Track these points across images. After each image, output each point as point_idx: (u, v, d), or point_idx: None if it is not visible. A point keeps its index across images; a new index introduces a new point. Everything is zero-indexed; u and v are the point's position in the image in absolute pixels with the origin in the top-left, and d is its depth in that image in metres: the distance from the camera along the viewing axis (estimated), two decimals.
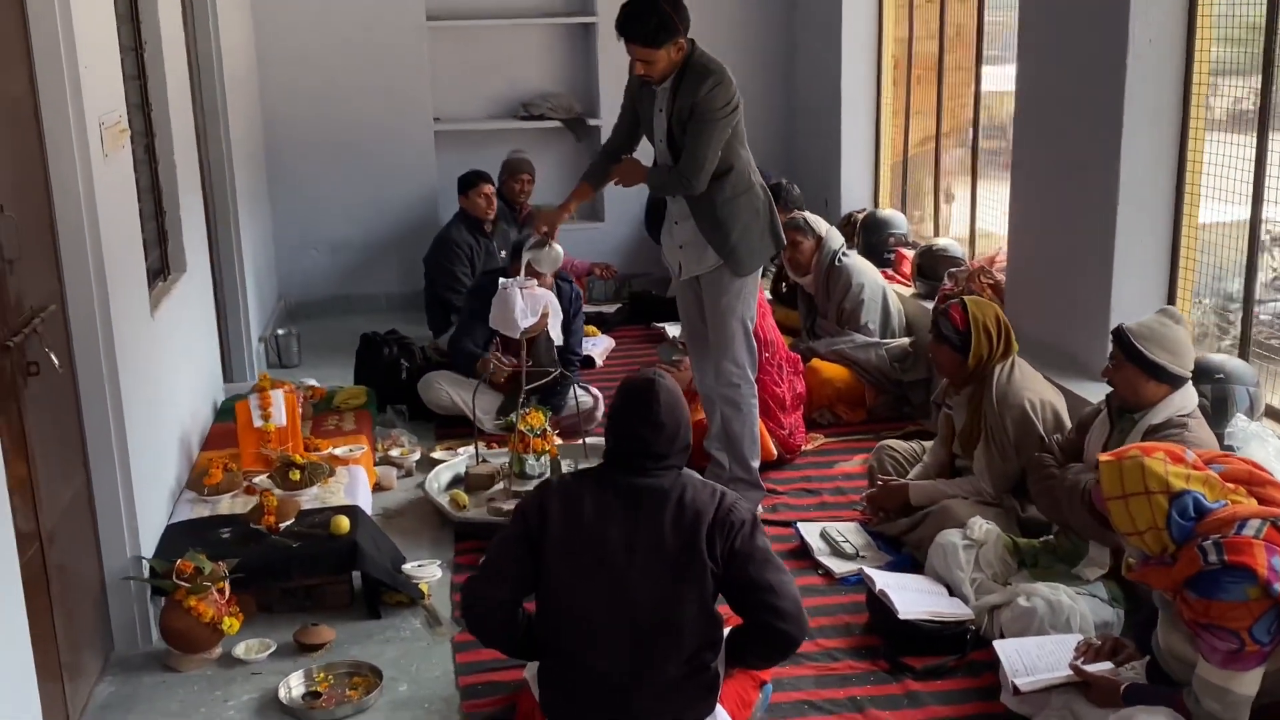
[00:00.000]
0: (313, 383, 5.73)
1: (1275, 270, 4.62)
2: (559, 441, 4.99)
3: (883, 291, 6.05)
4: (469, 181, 6.92)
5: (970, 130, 6.50)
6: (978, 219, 6.57)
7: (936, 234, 6.69)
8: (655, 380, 3.00)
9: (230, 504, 4.31)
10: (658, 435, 2.98)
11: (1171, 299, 4.54)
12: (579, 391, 5.54)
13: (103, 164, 3.63)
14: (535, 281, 4.98)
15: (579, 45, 8.46)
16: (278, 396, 4.72)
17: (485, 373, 5.51)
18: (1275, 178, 4.11)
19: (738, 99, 4.42)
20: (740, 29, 8.18)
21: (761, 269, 4.79)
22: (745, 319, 4.68)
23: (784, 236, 4.86)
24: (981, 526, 3.98)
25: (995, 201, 6.30)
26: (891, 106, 7.45)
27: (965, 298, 4.34)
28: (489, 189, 6.89)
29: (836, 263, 6.03)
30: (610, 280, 7.98)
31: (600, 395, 5.84)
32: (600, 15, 8.05)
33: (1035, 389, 4.20)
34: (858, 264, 6.08)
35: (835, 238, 6.14)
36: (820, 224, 6.15)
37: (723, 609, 3.07)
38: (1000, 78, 6.05)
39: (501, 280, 4.99)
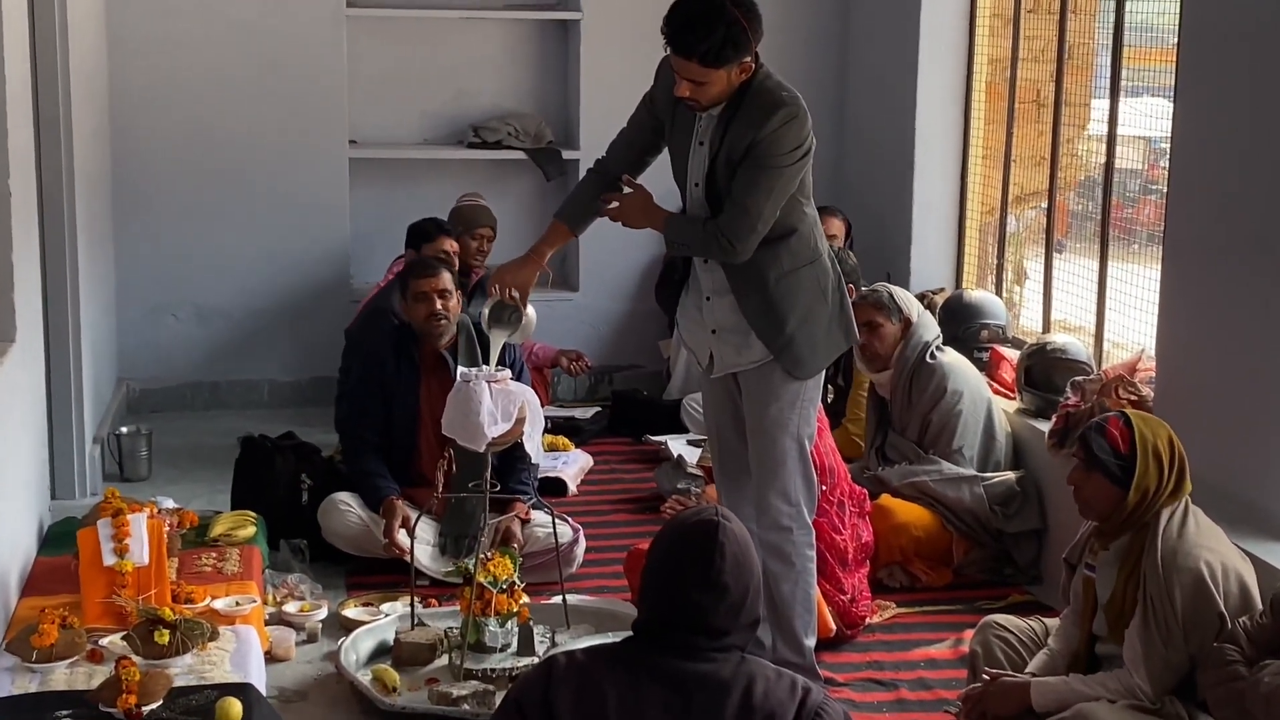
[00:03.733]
0: (172, 504, 5.64)
1: None
2: (528, 600, 4.93)
3: (987, 405, 6.07)
4: (424, 233, 6.93)
5: (1078, 187, 6.65)
6: (1052, 306, 6.69)
7: (1047, 327, 6.73)
8: (720, 524, 2.93)
9: (68, 676, 4.20)
10: (719, 602, 2.90)
11: None
12: (554, 522, 5.46)
13: None
14: (508, 373, 4.93)
15: (553, 50, 8.55)
16: (138, 523, 4.64)
17: (390, 537, 5.57)
18: None
19: (812, 143, 4.46)
20: (775, 27, 8.27)
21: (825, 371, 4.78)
22: (802, 437, 4.66)
23: (856, 328, 4.86)
24: None
25: (1081, 282, 6.44)
26: (982, 150, 7.55)
27: (1127, 411, 4.32)
28: (450, 244, 6.91)
29: (929, 359, 6.05)
30: (583, 375, 7.95)
31: (580, 530, 5.80)
32: (586, 11, 8.15)
33: (1216, 549, 4.17)
34: (957, 365, 6.11)
35: (929, 326, 6.19)
36: (912, 305, 6.20)
37: None
38: (1110, 116, 6.19)
39: (461, 371, 4.95)
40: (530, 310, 4.82)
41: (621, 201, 4.63)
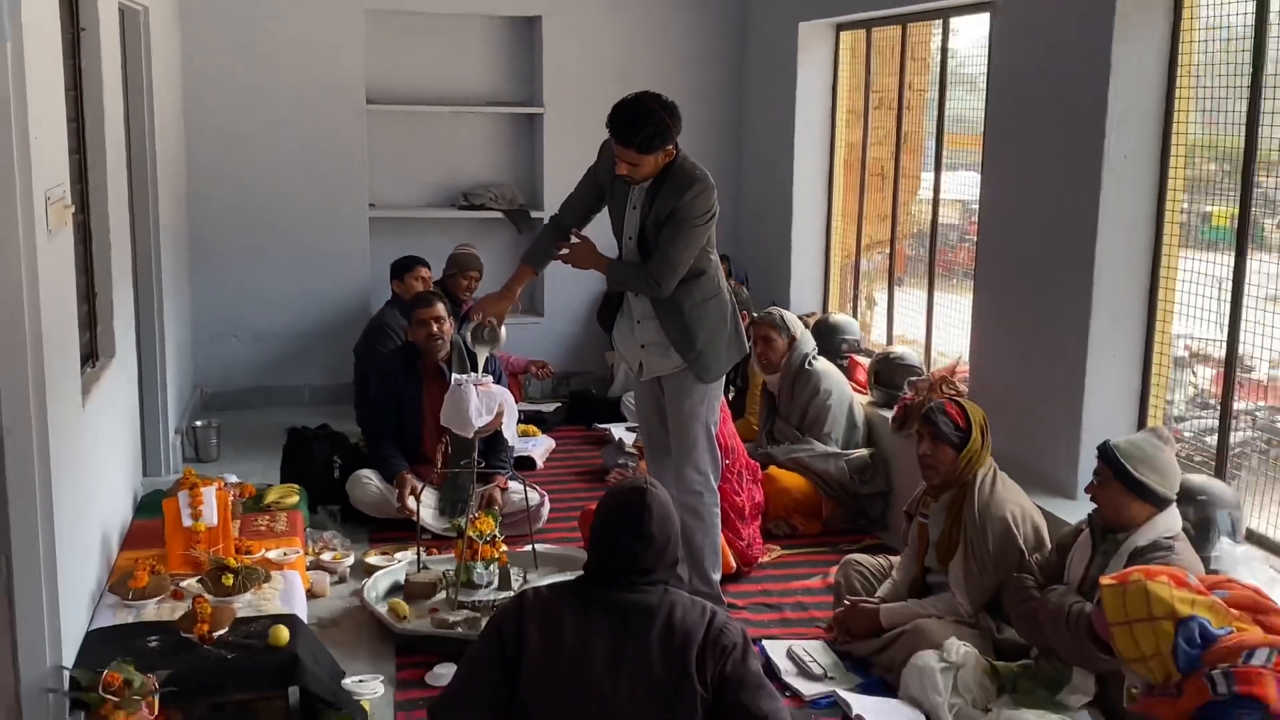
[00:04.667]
0: (235, 479, 5.58)
1: (1196, 387, 4.76)
2: (506, 549, 4.90)
3: (849, 401, 6.09)
4: (404, 265, 6.95)
5: (911, 237, 6.69)
6: (894, 325, 6.74)
7: (890, 340, 6.77)
8: (647, 489, 2.94)
9: (156, 610, 4.13)
10: (647, 548, 2.91)
11: (1143, 416, 4.62)
12: (526, 489, 5.44)
13: (46, 242, 3.52)
14: (490, 378, 4.91)
15: (523, 135, 8.52)
16: (209, 494, 4.57)
17: (402, 502, 5.53)
18: (1213, 298, 4.26)
19: (716, 208, 4.47)
20: (687, 120, 8.28)
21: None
22: (709, 424, 4.67)
23: (750, 343, 4.86)
24: (959, 648, 3.95)
25: (915, 307, 6.52)
26: (841, 210, 7.59)
27: (957, 398, 4.38)
28: (425, 273, 6.92)
29: (807, 366, 6.07)
30: (548, 379, 7.93)
31: (546, 495, 5.77)
32: (547, 107, 8.14)
33: (1018, 501, 4.23)
34: (827, 370, 6.12)
35: (808, 340, 6.20)
36: (796, 324, 6.20)
37: None
38: (935, 185, 6.23)
39: (455, 376, 4.93)
40: (502, 330, 4.78)
41: (572, 249, 4.62)
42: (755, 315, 6.33)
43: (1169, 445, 3.73)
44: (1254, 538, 4.14)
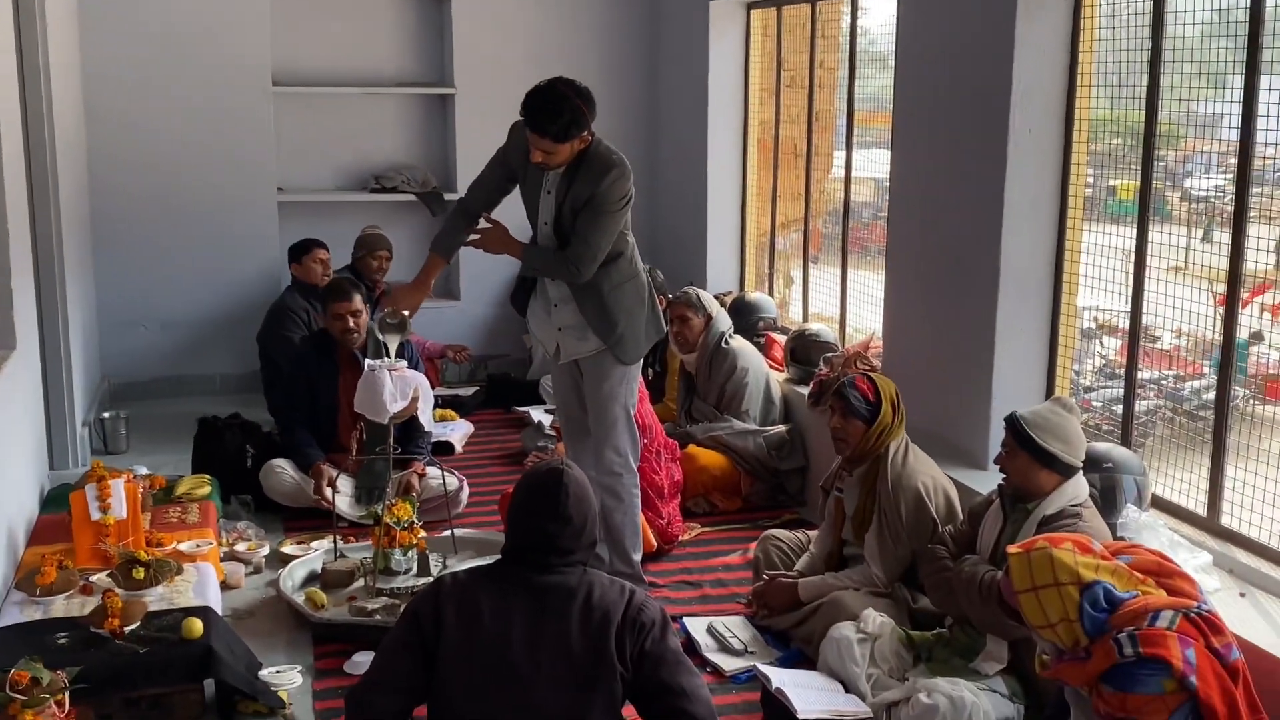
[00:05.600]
0: (145, 471, 5.49)
1: (1104, 358, 4.89)
2: (424, 534, 4.87)
3: (766, 378, 6.12)
4: (302, 248, 6.92)
5: (826, 215, 6.76)
6: (810, 302, 6.80)
7: (805, 318, 6.83)
8: (564, 471, 2.95)
9: (65, 605, 4.06)
10: (564, 529, 2.92)
11: (1051, 387, 4.72)
12: (444, 474, 5.41)
13: None
14: (404, 362, 4.87)
15: (435, 117, 8.44)
16: (117, 486, 4.49)
17: (319, 493, 5.47)
18: (1117, 270, 4.37)
19: (632, 192, 4.46)
20: (601, 100, 8.26)
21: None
22: (628, 405, 4.67)
23: (667, 323, 4.88)
24: (875, 619, 4.01)
25: (829, 284, 6.57)
26: (756, 189, 7.63)
27: (870, 373, 4.43)
28: (324, 255, 6.88)
29: (723, 345, 6.09)
30: (465, 363, 7.89)
31: (464, 480, 5.75)
32: (458, 87, 8.07)
33: (929, 473, 4.30)
34: (744, 349, 6.15)
35: (724, 319, 6.22)
36: (712, 303, 6.23)
37: (628, 711, 3.00)
38: (846, 163, 6.29)
39: (368, 361, 4.88)
40: (408, 316, 4.71)
41: (483, 234, 4.56)
42: (670, 296, 6.35)
43: (1074, 414, 3.81)
44: (1160, 504, 4.25)
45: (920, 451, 4.40)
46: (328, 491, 5.38)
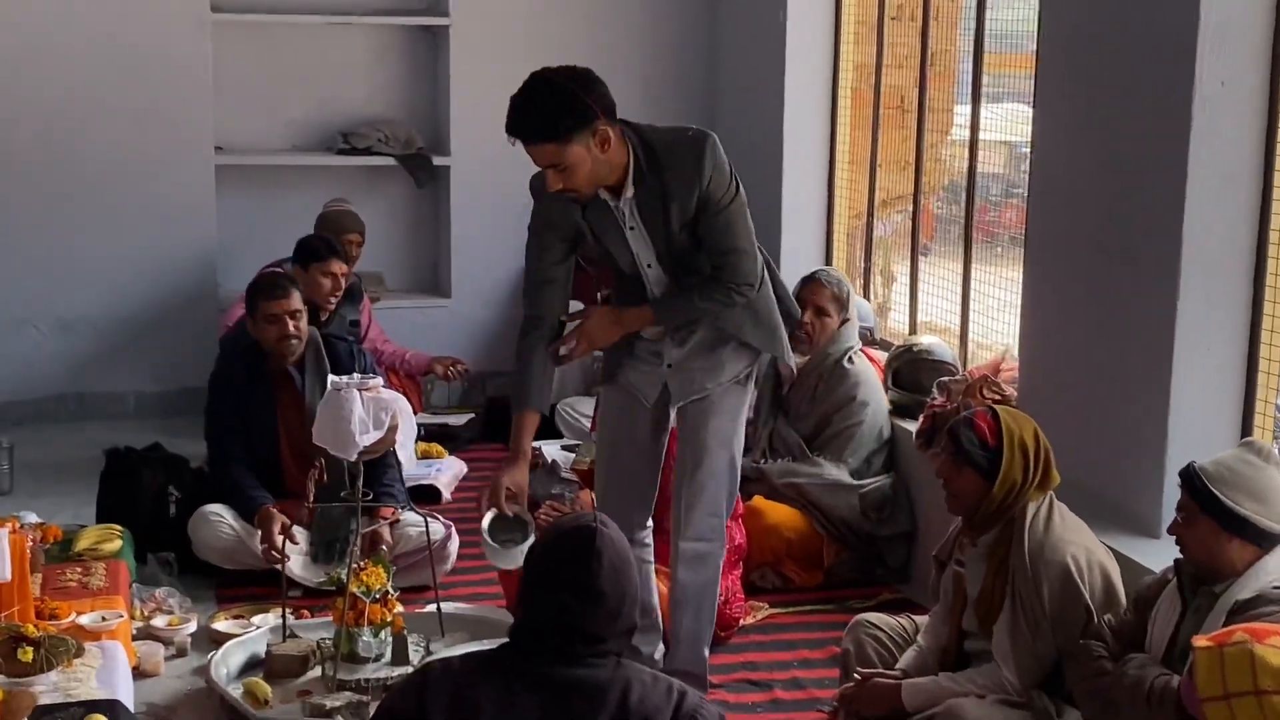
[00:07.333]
0: (34, 519, 5.53)
1: None
2: (401, 609, 4.87)
3: (883, 422, 6.08)
4: (314, 252, 6.76)
5: (942, 191, 6.74)
6: (919, 307, 6.78)
7: (913, 329, 6.80)
8: (597, 530, 2.92)
9: None
10: (595, 609, 2.89)
11: (1248, 425, 4.67)
12: (427, 521, 5.38)
13: None
14: (380, 380, 4.89)
15: (423, 56, 8.50)
16: None
17: (268, 542, 5.45)
18: None
19: (733, 173, 4.47)
20: (639, 39, 8.30)
21: None
22: (738, 451, 4.74)
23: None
24: None
25: (946, 284, 6.53)
26: (849, 155, 7.61)
27: (995, 406, 4.38)
28: (340, 267, 6.79)
29: (846, 363, 6.07)
30: (458, 382, 7.89)
31: (453, 525, 5.79)
32: (454, 16, 8.10)
33: (1082, 543, 4.23)
34: (867, 374, 6.11)
35: (854, 329, 6.20)
36: (854, 303, 6.21)
37: None
38: (972, 121, 6.26)
39: (332, 379, 4.89)
40: (529, 517, 4.57)
41: (585, 331, 4.54)
42: (825, 275, 6.29)
43: (1271, 464, 3.75)
44: None
45: (1069, 512, 4.35)
46: (278, 540, 5.34)
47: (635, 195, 4.36)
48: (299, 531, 5.58)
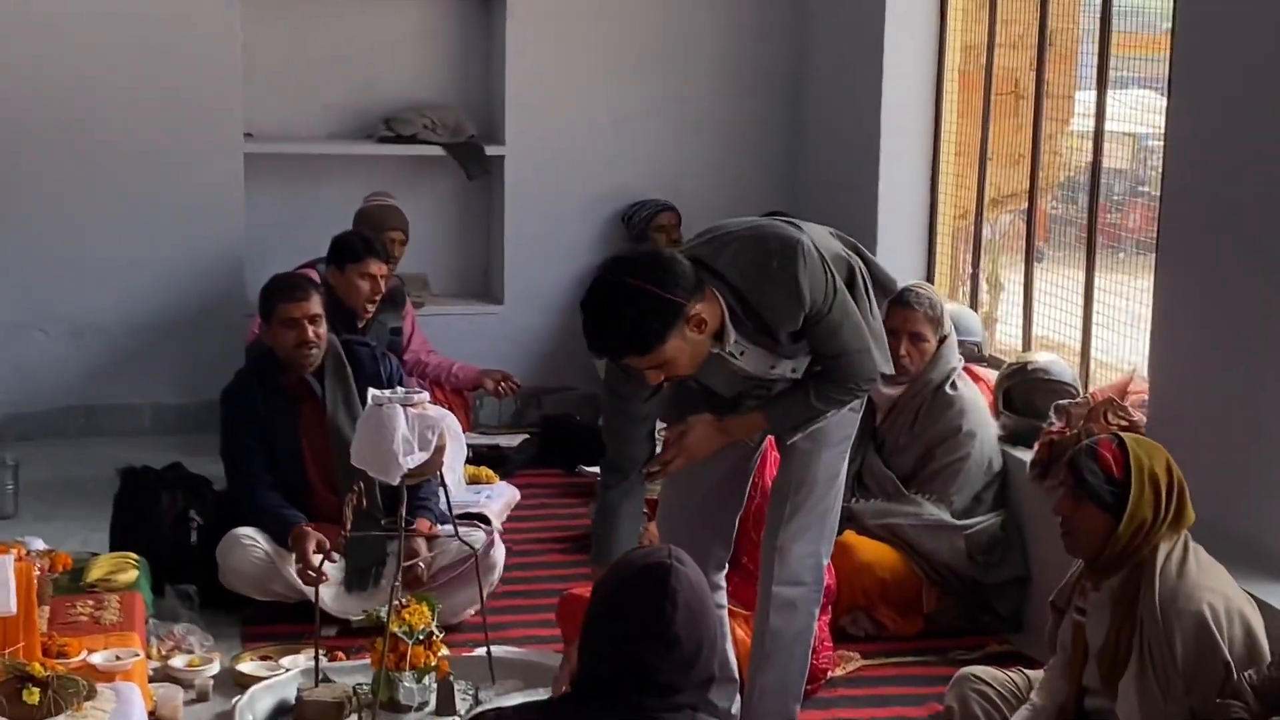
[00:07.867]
0: (42, 545, 5.56)
1: None
2: (448, 652, 4.88)
3: (992, 453, 6.05)
4: (351, 250, 6.85)
5: (1060, 188, 6.69)
6: (1034, 320, 6.75)
7: (1027, 344, 6.77)
8: (672, 568, 2.92)
9: None
10: (669, 656, 2.89)
11: None
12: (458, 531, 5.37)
13: None
14: (426, 395, 4.91)
15: (475, 32, 8.54)
16: (4, 567, 4.54)
17: (304, 562, 5.45)
18: None
19: (825, 262, 4.33)
20: (710, 16, 8.31)
21: None
22: (842, 484, 4.77)
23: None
24: None
25: (1064, 294, 6.49)
26: (955, 147, 7.58)
27: (1121, 433, 4.34)
28: (379, 268, 6.86)
29: (949, 389, 6.04)
30: (510, 399, 7.92)
31: (497, 532, 5.83)
32: None
33: (1220, 590, 4.19)
34: (975, 401, 6.09)
35: (954, 348, 6.17)
36: (948, 317, 6.19)
37: None
38: (1097, 110, 6.22)
39: (373, 394, 4.90)
40: None
41: (685, 448, 4.48)
42: (913, 296, 6.23)
43: None
44: None
45: (1205, 555, 4.31)
46: (314, 559, 5.35)
47: (739, 337, 4.30)
48: (332, 563, 5.59)
